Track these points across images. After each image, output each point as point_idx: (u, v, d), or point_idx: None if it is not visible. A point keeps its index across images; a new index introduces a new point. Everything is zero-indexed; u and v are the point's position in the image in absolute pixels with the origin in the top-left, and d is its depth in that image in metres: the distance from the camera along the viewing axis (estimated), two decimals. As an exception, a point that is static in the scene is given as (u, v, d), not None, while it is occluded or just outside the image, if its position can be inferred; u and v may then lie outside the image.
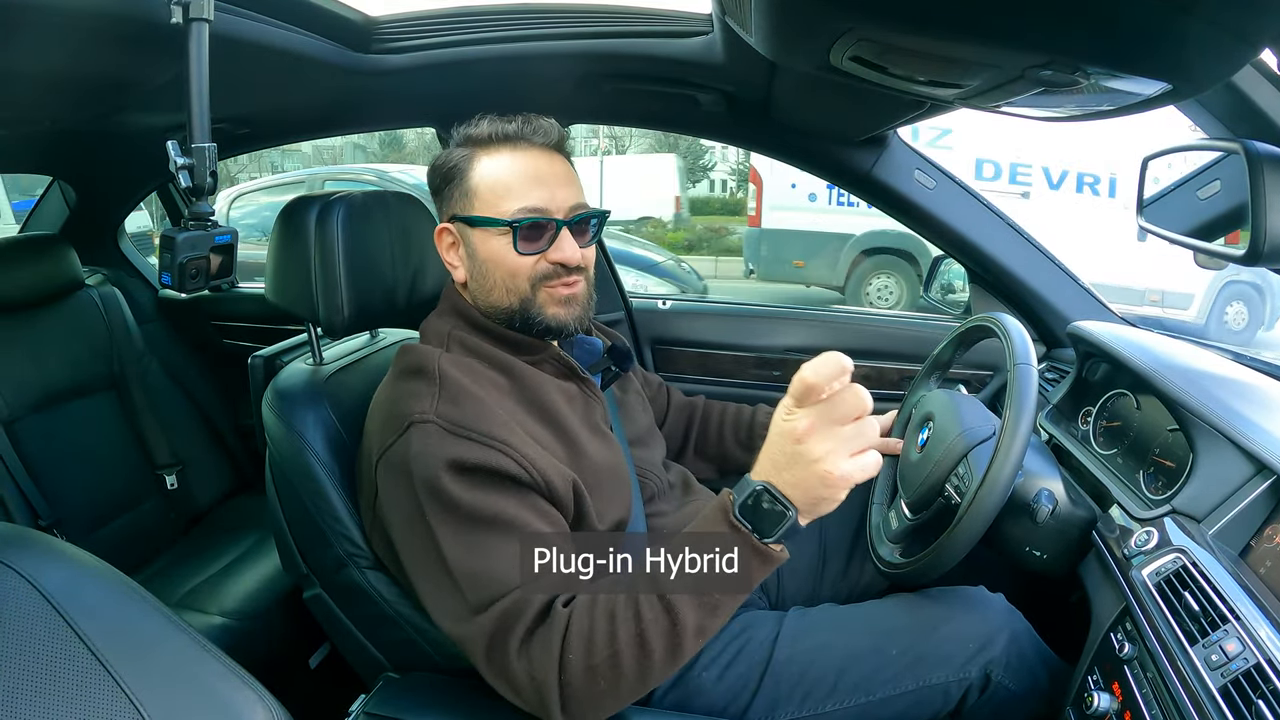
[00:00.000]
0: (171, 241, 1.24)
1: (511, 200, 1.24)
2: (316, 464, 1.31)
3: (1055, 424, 1.63)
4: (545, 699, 1.03)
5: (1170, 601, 1.01)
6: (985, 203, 1.97)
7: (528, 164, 1.27)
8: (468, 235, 1.27)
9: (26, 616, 0.67)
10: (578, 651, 1.02)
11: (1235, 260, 1.16)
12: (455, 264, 1.30)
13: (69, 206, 2.59)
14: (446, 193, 1.29)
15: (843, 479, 0.92)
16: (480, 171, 1.26)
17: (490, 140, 1.27)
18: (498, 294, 1.27)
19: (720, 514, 1.00)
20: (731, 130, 2.08)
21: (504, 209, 1.24)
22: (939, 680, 1.23)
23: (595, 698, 1.04)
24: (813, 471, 0.92)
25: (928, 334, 2.23)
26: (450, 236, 1.30)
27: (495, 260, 1.26)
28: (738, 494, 0.99)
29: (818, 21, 0.95)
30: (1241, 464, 1.12)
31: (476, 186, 1.26)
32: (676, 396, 1.78)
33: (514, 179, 1.25)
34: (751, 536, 0.98)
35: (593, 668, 1.01)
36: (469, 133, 1.29)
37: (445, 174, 1.29)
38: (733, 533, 0.99)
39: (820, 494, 0.94)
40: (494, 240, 1.25)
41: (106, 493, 2.18)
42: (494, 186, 1.25)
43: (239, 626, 1.87)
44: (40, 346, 2.15)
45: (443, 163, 1.30)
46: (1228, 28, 0.81)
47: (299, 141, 2.98)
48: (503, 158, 1.27)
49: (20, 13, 1.03)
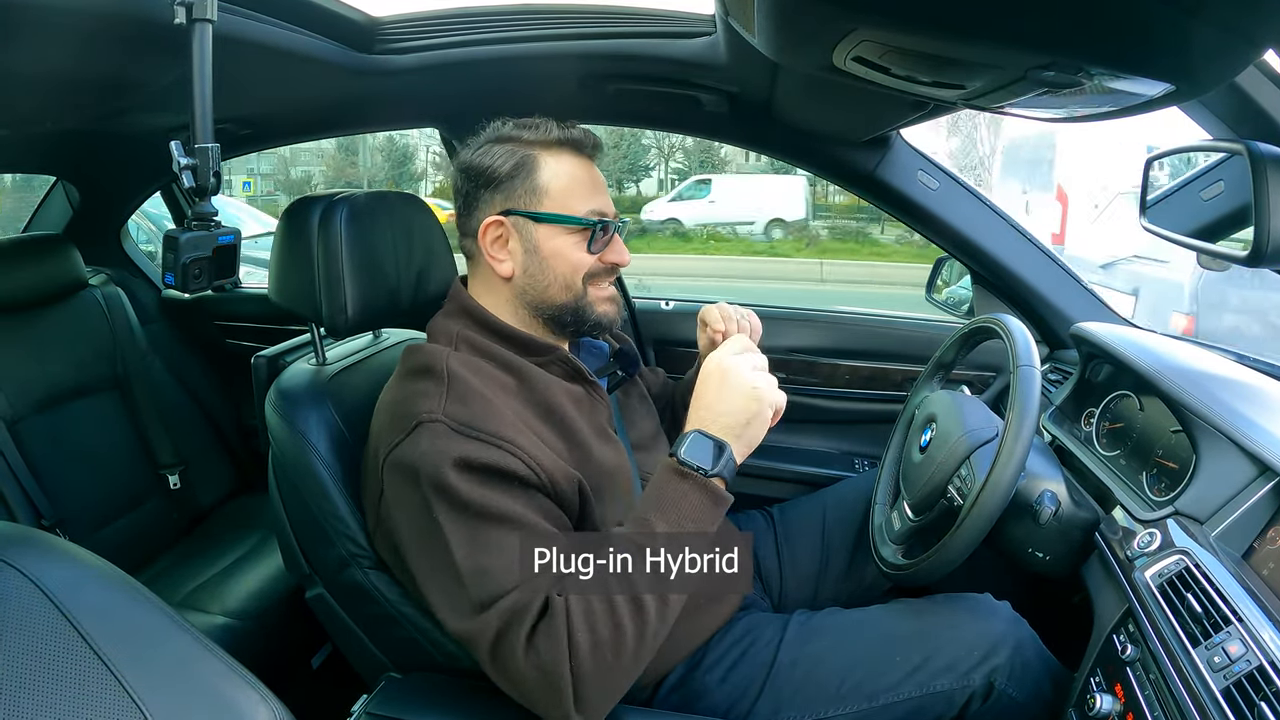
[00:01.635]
0: (175, 242, 1.24)
1: (583, 202, 1.27)
2: (319, 464, 1.31)
3: (1058, 425, 1.63)
4: (557, 691, 1.03)
5: (1173, 603, 1.01)
6: (988, 204, 1.97)
7: (589, 171, 1.31)
8: (529, 230, 1.27)
9: (29, 616, 0.67)
10: (582, 632, 1.02)
11: (1238, 261, 1.16)
12: (502, 258, 1.29)
13: (72, 207, 2.59)
14: (505, 187, 1.27)
15: (765, 390, 1.12)
16: (551, 171, 1.27)
17: (557, 144, 1.29)
18: (554, 290, 1.29)
19: (666, 470, 1.11)
20: (734, 131, 2.08)
21: (577, 209, 1.27)
22: (942, 687, 1.23)
23: (604, 677, 1.04)
24: (740, 391, 1.11)
25: (931, 335, 2.23)
26: (499, 229, 1.28)
27: (560, 256, 1.27)
28: (676, 447, 1.12)
29: (821, 22, 0.95)
30: (1244, 466, 1.12)
31: (548, 185, 1.26)
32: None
33: (581, 183, 1.29)
34: (697, 475, 1.09)
35: (599, 644, 1.03)
36: (523, 134, 1.29)
37: (504, 170, 1.27)
38: (681, 479, 1.10)
39: (750, 410, 1.11)
40: (561, 237, 1.27)
41: (109, 492, 2.18)
42: (567, 187, 1.27)
43: (241, 626, 1.87)
44: (44, 346, 2.15)
45: (494, 160, 1.28)
46: (1231, 28, 0.81)
47: (303, 142, 2.99)
48: (569, 161, 1.29)
49: (24, 14, 1.03)
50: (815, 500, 1.73)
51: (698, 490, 1.10)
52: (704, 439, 1.11)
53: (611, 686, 1.06)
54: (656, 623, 1.07)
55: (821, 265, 13.59)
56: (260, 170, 18.62)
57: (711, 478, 1.10)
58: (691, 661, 1.31)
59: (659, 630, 1.08)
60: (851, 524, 1.62)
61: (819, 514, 1.67)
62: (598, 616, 1.03)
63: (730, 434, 1.12)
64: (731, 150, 20.31)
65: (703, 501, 1.10)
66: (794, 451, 2.27)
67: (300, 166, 19.33)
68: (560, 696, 1.03)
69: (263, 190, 18.60)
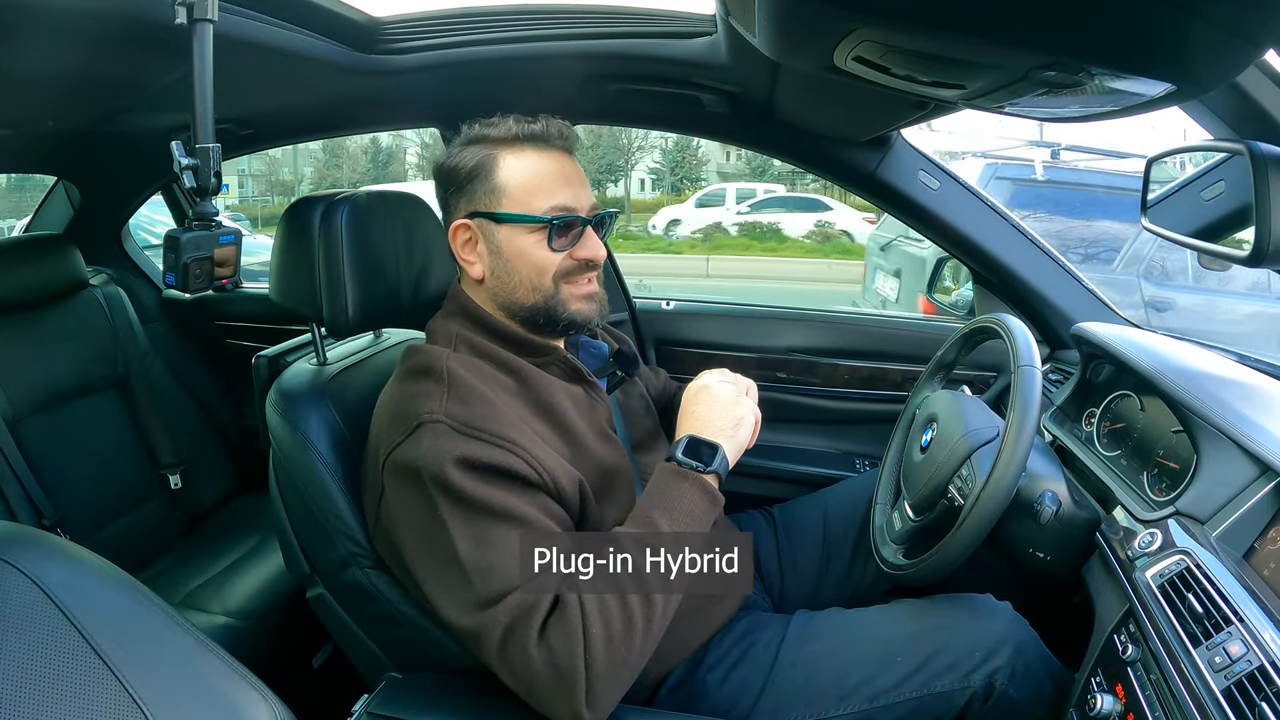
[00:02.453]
0: (176, 242, 1.24)
1: (543, 198, 1.26)
2: (320, 464, 1.31)
3: (1059, 425, 1.63)
4: (570, 686, 1.03)
5: (1174, 603, 1.01)
6: (990, 204, 1.97)
7: (554, 164, 1.29)
8: (491, 232, 1.27)
9: (30, 615, 0.68)
10: (598, 626, 1.04)
11: (1239, 261, 1.15)
12: (472, 260, 1.29)
13: (73, 207, 2.59)
14: (467, 189, 1.28)
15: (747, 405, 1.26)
16: (508, 169, 1.26)
17: (516, 140, 1.27)
18: (522, 291, 1.28)
19: (665, 471, 1.19)
20: (735, 131, 2.07)
21: (535, 206, 1.25)
22: (943, 688, 1.22)
23: (615, 672, 1.05)
24: (725, 399, 1.24)
25: (931, 335, 2.22)
26: (467, 233, 1.29)
27: (522, 256, 1.27)
28: (672, 450, 1.20)
29: (821, 22, 0.95)
30: (1245, 466, 1.12)
31: (505, 184, 1.26)
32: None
33: (544, 178, 1.27)
34: (694, 472, 1.17)
35: (613, 639, 1.04)
36: (488, 133, 1.28)
37: (466, 171, 1.28)
38: (680, 478, 1.17)
39: (737, 414, 1.23)
40: (523, 237, 1.26)
41: (110, 492, 2.18)
42: (524, 185, 1.26)
43: (242, 626, 1.87)
44: (45, 346, 2.15)
45: (459, 161, 1.29)
46: (1232, 28, 0.81)
47: (304, 141, 2.99)
48: (529, 157, 1.27)
49: (25, 14, 1.03)
50: (816, 500, 1.72)
51: (696, 489, 1.16)
52: (697, 441, 1.20)
53: (620, 682, 1.07)
54: (662, 620, 1.09)
55: (708, 261, 15.00)
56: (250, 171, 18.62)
57: (707, 474, 1.18)
58: (692, 662, 1.31)
59: (663, 627, 1.10)
60: (852, 524, 1.62)
61: (820, 514, 1.67)
62: (612, 612, 1.05)
63: (722, 435, 1.21)
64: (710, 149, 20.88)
65: (701, 499, 1.16)
66: (794, 451, 2.26)
67: (290, 168, 19.33)
68: (572, 692, 1.03)
69: (254, 191, 18.59)
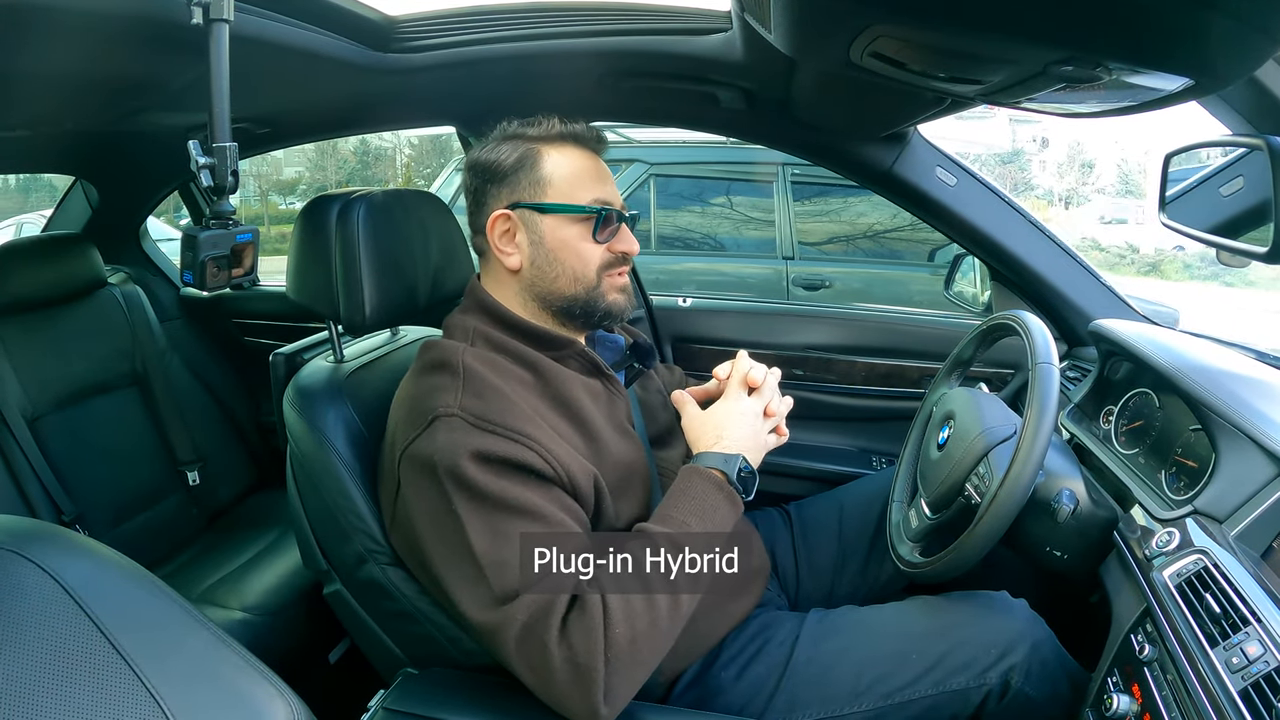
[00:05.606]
0: (193, 240, 1.24)
1: (586, 192, 1.29)
2: (337, 461, 1.32)
3: (1077, 423, 1.62)
4: (588, 683, 1.03)
5: (1191, 603, 1.00)
6: (1007, 200, 1.95)
7: (594, 163, 1.33)
8: (534, 222, 1.29)
9: (49, 610, 0.68)
10: (622, 625, 1.04)
11: (1258, 258, 1.15)
12: (509, 251, 1.30)
13: (91, 206, 2.61)
14: (510, 180, 1.30)
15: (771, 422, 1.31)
16: (553, 162, 1.29)
17: (560, 138, 1.31)
18: (563, 281, 1.30)
19: (689, 472, 1.21)
20: (751, 128, 2.07)
21: (580, 198, 1.28)
22: (958, 685, 1.22)
23: (634, 670, 1.06)
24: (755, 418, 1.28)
25: (948, 332, 2.21)
26: (507, 223, 1.30)
27: (567, 247, 1.29)
28: (699, 460, 1.22)
29: (838, 18, 0.95)
30: (1264, 464, 1.11)
31: (550, 175, 1.28)
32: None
33: (587, 173, 1.31)
34: (717, 476, 1.19)
35: (636, 637, 1.05)
36: (527, 130, 1.32)
37: (508, 164, 1.30)
38: (703, 479, 1.19)
39: (758, 428, 1.28)
40: (567, 228, 1.29)
41: (129, 488, 2.20)
42: (569, 178, 1.29)
43: (260, 622, 1.88)
44: (64, 344, 2.17)
45: (498, 155, 1.31)
46: (1250, 22, 0.80)
47: (320, 140, 3.00)
48: (572, 153, 1.31)
49: (43, 16, 1.04)
50: (832, 498, 1.72)
51: (718, 490, 1.18)
52: (717, 454, 1.22)
53: (637, 680, 1.08)
54: (684, 620, 1.10)
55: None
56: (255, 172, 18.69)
57: (730, 481, 1.19)
58: (707, 659, 1.31)
59: (681, 625, 1.11)
60: (868, 522, 1.62)
61: (836, 511, 1.67)
62: (637, 611, 1.05)
63: (741, 446, 1.24)
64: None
65: (723, 502, 1.18)
66: (811, 449, 2.26)
67: (290, 168, 19.37)
68: (591, 688, 1.03)
69: (254, 191, 18.64)
